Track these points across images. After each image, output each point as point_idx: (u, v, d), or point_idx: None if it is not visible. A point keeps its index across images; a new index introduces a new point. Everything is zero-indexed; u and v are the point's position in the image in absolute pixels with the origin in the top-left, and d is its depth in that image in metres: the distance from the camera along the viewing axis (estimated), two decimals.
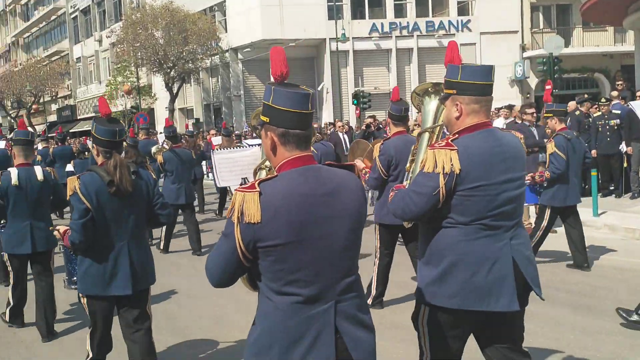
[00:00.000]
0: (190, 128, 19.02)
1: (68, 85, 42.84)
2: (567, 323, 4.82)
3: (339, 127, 14.09)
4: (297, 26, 25.97)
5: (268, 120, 2.14)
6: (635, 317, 4.64)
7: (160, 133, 15.69)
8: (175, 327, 5.22)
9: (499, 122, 9.74)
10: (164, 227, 8.05)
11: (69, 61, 42.40)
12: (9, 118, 45.91)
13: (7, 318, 5.35)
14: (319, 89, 28.17)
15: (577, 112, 10.76)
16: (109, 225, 3.60)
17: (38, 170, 4.98)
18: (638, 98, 10.93)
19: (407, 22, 27.81)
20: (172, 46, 26.49)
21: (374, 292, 5.30)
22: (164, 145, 9.53)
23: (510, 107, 10.38)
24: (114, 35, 29.36)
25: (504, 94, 22.21)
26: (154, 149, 9.11)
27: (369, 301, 5.09)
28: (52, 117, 46.05)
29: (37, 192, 4.93)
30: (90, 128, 3.86)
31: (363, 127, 10.80)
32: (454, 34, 27.93)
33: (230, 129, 14.29)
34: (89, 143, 6.72)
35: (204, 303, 5.82)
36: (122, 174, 3.56)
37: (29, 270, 5.20)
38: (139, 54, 27.53)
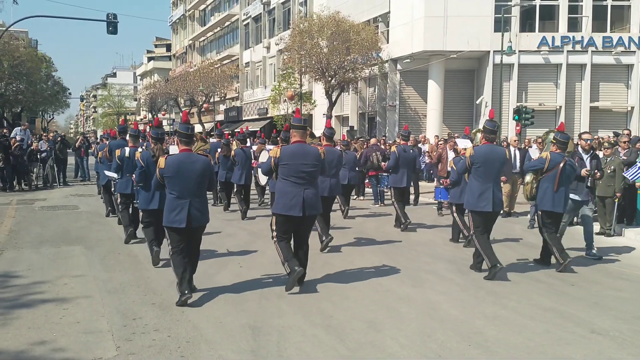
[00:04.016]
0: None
1: (236, 87, 45.80)
2: None
3: (513, 142, 13.91)
4: (460, 38, 25.55)
5: (177, 134, 6.25)
6: None
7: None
8: (330, 325, 5.40)
9: None
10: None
11: (239, 65, 45.34)
12: (181, 114, 50.27)
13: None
14: (477, 102, 27.37)
15: None
16: (152, 176, 6.78)
17: (138, 150, 8.30)
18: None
19: (582, 37, 26.08)
20: (335, 55, 27.31)
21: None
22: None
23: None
24: (283, 42, 31.01)
25: None
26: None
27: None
28: (220, 117, 49.77)
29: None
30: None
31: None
32: (634, 52, 25.75)
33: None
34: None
35: (358, 305, 6.01)
36: (159, 152, 7.41)
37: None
38: (304, 62, 28.75)
